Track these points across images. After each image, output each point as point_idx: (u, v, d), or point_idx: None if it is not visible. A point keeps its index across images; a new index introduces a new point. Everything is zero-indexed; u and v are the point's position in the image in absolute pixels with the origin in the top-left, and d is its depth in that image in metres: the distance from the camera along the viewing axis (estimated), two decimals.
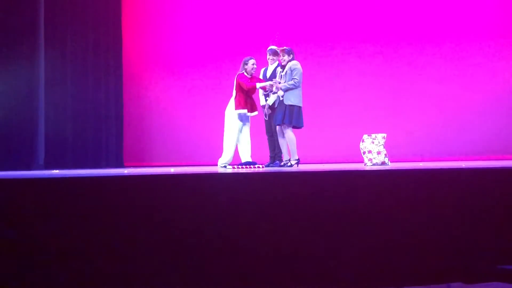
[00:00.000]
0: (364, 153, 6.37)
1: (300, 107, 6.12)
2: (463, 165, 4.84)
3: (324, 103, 8.94)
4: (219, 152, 6.78)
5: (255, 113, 6.61)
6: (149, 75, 9.61)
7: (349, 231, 3.34)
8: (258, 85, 6.41)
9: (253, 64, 6.51)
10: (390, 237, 3.32)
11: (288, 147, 6.17)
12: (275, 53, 6.49)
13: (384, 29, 8.94)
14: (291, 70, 6.11)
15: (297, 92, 6.11)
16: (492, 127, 8.45)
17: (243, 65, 6.55)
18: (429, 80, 8.79)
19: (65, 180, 3.61)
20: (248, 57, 6.58)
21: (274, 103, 6.35)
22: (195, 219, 3.37)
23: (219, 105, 7.39)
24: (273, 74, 6.48)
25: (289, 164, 6.17)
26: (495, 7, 8.59)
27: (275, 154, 6.55)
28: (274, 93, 6.19)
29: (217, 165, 6.76)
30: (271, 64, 6.59)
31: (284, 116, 6.07)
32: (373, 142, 6.32)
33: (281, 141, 6.23)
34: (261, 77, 6.66)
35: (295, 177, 3.71)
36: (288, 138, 6.13)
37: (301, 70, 6.16)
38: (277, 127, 6.21)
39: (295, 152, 6.15)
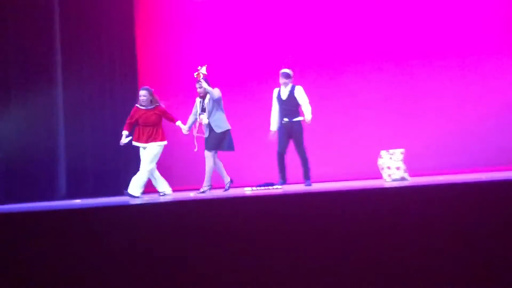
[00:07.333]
0: (382, 169, 6.34)
1: (229, 129, 6.50)
2: (483, 178, 4.78)
3: (340, 120, 8.96)
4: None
5: (139, 144, 6.82)
6: (165, 104, 9.71)
7: (370, 250, 3.30)
8: (124, 131, 6.65)
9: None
10: (412, 255, 3.26)
11: (211, 172, 6.46)
12: (287, 76, 6.61)
13: (397, 46, 8.94)
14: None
15: (223, 117, 6.49)
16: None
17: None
18: (444, 92, 8.73)
19: (80, 210, 3.66)
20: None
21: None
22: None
23: None
24: (291, 94, 6.57)
25: (201, 190, 6.41)
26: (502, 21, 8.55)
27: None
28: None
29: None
30: (285, 87, 6.67)
31: (219, 143, 6.42)
32: (391, 158, 6.29)
33: (213, 167, 6.46)
34: (275, 98, 6.72)
35: (306, 198, 3.70)
36: (217, 163, 6.48)
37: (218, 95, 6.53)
38: (208, 153, 6.45)
39: (210, 179, 6.45)
